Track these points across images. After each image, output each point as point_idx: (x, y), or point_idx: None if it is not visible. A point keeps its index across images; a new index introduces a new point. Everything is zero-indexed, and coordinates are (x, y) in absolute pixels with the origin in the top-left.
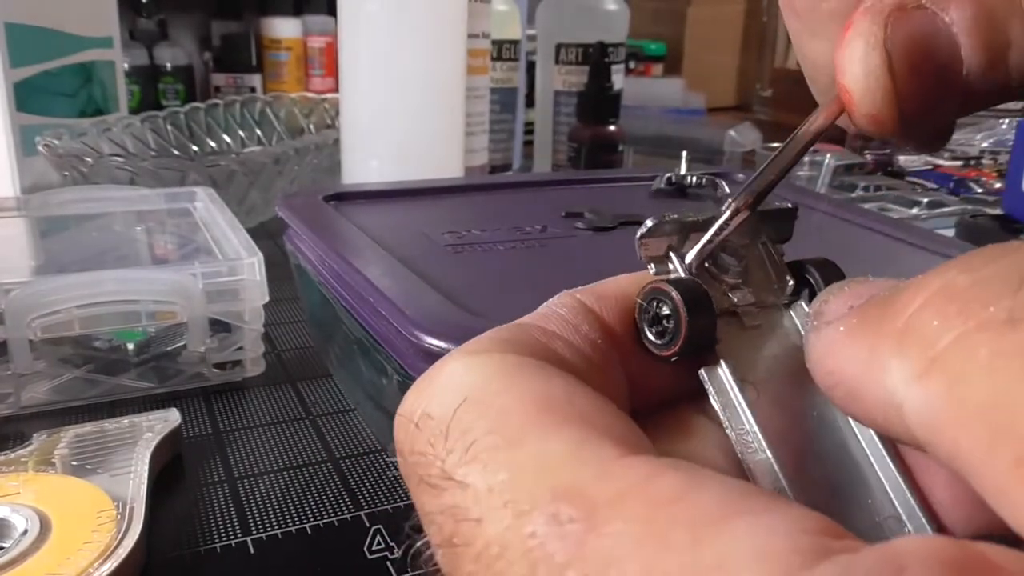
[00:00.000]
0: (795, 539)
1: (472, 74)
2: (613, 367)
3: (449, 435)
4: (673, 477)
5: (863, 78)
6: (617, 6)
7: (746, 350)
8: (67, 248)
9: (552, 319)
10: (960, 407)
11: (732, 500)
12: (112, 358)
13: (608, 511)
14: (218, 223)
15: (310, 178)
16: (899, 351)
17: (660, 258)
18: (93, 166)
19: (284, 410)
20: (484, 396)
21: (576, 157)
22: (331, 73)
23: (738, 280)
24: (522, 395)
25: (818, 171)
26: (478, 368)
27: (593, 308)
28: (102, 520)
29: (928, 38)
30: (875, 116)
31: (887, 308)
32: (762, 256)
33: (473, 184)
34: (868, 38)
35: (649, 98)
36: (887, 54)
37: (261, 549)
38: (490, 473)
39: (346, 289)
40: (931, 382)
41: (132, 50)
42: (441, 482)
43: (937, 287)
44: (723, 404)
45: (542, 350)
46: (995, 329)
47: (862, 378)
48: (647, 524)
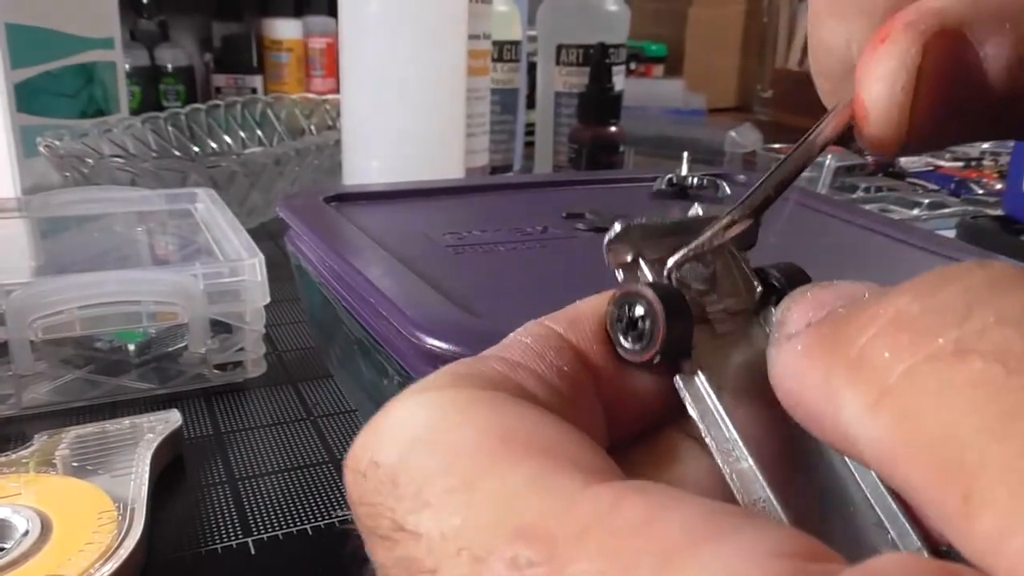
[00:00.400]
0: (769, 564)
1: (473, 75)
2: (585, 397)
3: (398, 482)
4: (638, 503)
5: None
6: (618, 7)
7: (720, 358)
8: (68, 249)
9: (515, 349)
10: (909, 442)
11: (700, 523)
12: (113, 359)
13: (570, 549)
14: (219, 224)
15: (311, 179)
16: (852, 381)
17: (629, 264)
18: (94, 167)
19: (285, 411)
20: (435, 435)
21: (577, 158)
22: (332, 74)
23: (706, 287)
24: (477, 429)
25: (819, 172)
26: (429, 406)
27: (563, 335)
28: (103, 521)
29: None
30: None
31: (842, 331)
32: (728, 263)
33: (474, 185)
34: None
35: (650, 99)
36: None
37: (262, 550)
38: (443, 518)
39: (347, 290)
40: (882, 415)
41: (133, 51)
42: (392, 533)
43: (891, 315)
44: (701, 412)
45: (503, 382)
46: (943, 360)
47: (819, 405)
48: (611, 559)
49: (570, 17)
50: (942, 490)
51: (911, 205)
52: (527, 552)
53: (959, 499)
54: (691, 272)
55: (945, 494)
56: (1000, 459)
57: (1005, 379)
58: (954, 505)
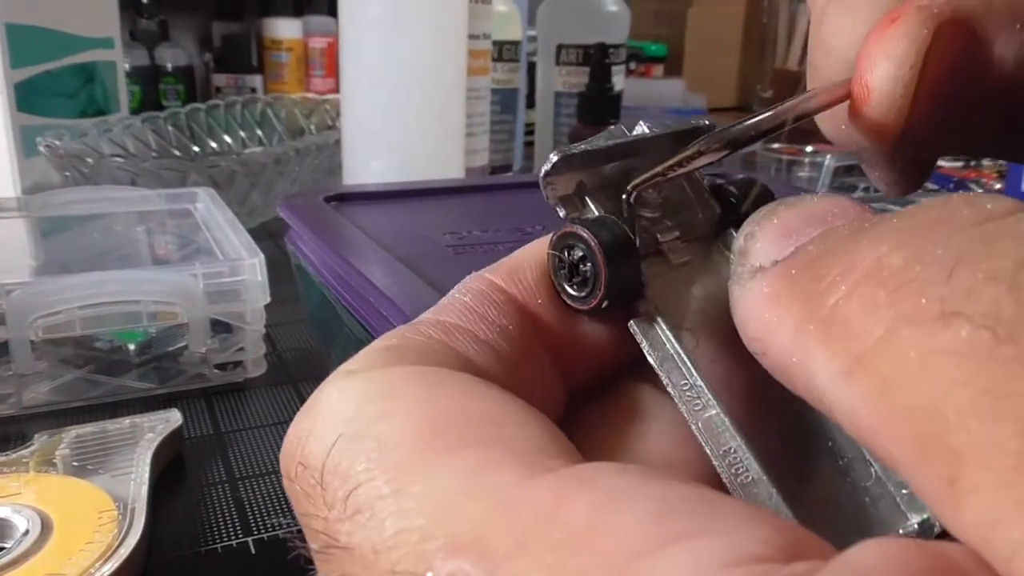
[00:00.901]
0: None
1: (473, 75)
2: (535, 354)
3: (326, 486)
4: (582, 502)
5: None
6: (618, 7)
7: (677, 292)
8: (68, 249)
9: (454, 310)
10: (889, 415)
11: (652, 524)
12: (113, 359)
13: (510, 564)
14: (219, 224)
15: (311, 179)
16: (825, 343)
17: (570, 197)
18: (94, 167)
19: (285, 411)
20: (360, 428)
21: None
22: (332, 74)
23: (657, 213)
24: (405, 419)
25: (818, 172)
26: (353, 392)
27: (505, 287)
28: (103, 520)
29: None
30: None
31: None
32: (681, 182)
33: (474, 185)
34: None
35: (650, 99)
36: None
37: (262, 549)
38: (374, 529)
39: (347, 290)
40: (858, 383)
41: (133, 51)
42: (325, 547)
43: (868, 267)
44: (660, 358)
45: (438, 351)
46: (926, 324)
47: (787, 358)
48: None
49: (570, 17)
50: (925, 470)
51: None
52: (467, 567)
53: (944, 482)
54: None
55: (929, 475)
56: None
57: (994, 348)
58: (939, 488)
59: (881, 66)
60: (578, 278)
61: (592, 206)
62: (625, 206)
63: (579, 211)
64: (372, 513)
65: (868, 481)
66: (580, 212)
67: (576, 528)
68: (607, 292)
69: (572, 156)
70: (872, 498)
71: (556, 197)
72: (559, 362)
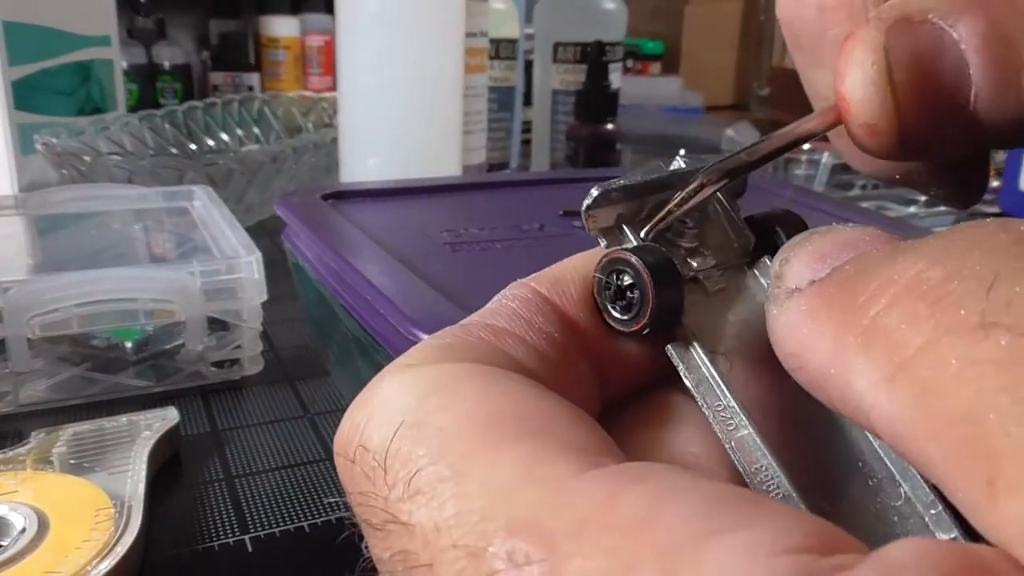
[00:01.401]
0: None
1: (470, 73)
2: (575, 361)
3: (388, 468)
4: (637, 494)
5: (861, 85)
6: (615, 5)
7: (713, 318)
8: (65, 246)
9: (501, 315)
10: (929, 420)
11: (703, 517)
12: (110, 356)
13: (567, 545)
14: (216, 221)
15: (308, 177)
16: (865, 351)
17: (611, 229)
18: (91, 164)
19: (282, 408)
20: (421, 418)
21: (574, 156)
22: (329, 72)
23: (695, 243)
24: (464, 412)
25: (815, 170)
26: (413, 384)
27: (549, 296)
28: (100, 518)
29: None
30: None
31: (852, 296)
32: (718, 214)
33: (471, 183)
34: (869, 43)
35: (647, 97)
36: (887, 63)
37: (259, 547)
38: (436, 508)
39: (344, 287)
40: (899, 390)
41: (130, 49)
42: (386, 524)
43: (907, 281)
44: (696, 381)
45: (488, 352)
46: (966, 334)
47: (826, 370)
48: (611, 557)
49: (567, 15)
50: (964, 472)
51: (907, 202)
52: (524, 547)
53: (983, 482)
54: (678, 228)
55: (967, 476)
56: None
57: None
58: (977, 488)
59: (849, 75)
60: (623, 302)
61: (631, 237)
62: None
63: (619, 242)
64: (434, 494)
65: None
66: (620, 243)
67: (631, 516)
68: (651, 320)
69: (611, 191)
70: (901, 517)
71: (597, 229)
72: (596, 371)
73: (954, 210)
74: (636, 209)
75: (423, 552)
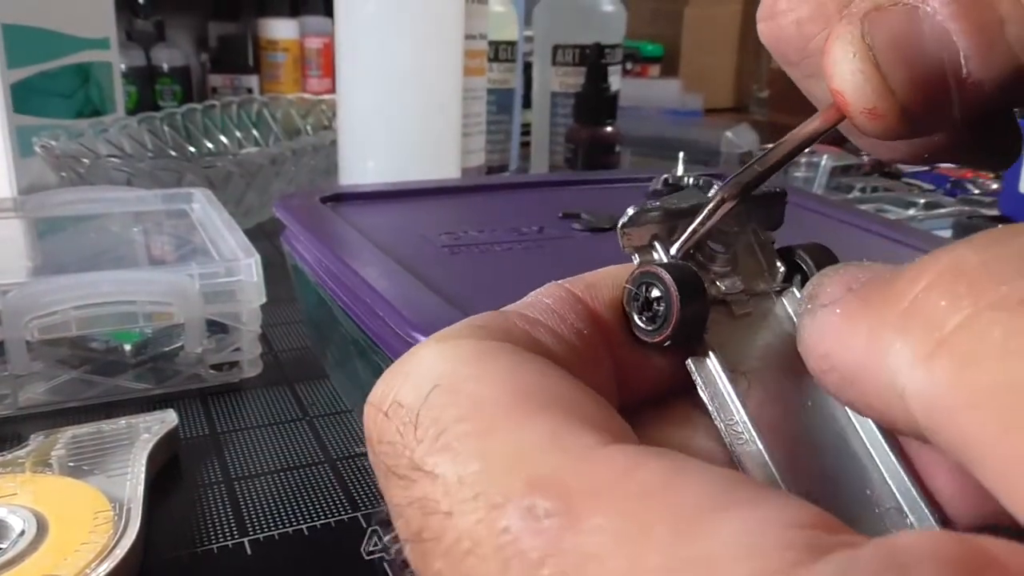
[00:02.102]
0: (787, 534)
1: (469, 75)
2: (600, 358)
3: (419, 424)
4: (655, 466)
5: (849, 76)
6: (614, 7)
7: (736, 339)
8: (64, 249)
9: (536, 307)
10: (969, 391)
11: (718, 491)
12: (109, 359)
13: (586, 504)
14: (215, 224)
15: (307, 179)
16: (903, 332)
17: (644, 248)
18: (90, 167)
19: (281, 411)
20: (455, 383)
21: (573, 158)
22: (328, 74)
23: (727, 268)
24: (496, 381)
25: (815, 172)
26: (450, 354)
27: (582, 297)
28: (99, 521)
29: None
30: (872, 111)
31: (889, 289)
32: (751, 243)
33: (470, 185)
34: (846, 36)
35: (646, 99)
36: (868, 49)
37: (258, 550)
38: (461, 463)
39: (343, 290)
40: (938, 365)
41: (129, 51)
42: (410, 472)
43: (944, 265)
44: (711, 394)
45: (522, 337)
46: (1009, 309)
47: (860, 361)
48: (627, 518)
49: (566, 17)
50: (1002, 442)
51: (907, 205)
52: (544, 503)
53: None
54: (711, 253)
55: (1005, 446)
56: None
57: None
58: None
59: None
60: (649, 313)
61: (662, 254)
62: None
63: (651, 259)
64: (460, 450)
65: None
66: (651, 260)
67: (649, 485)
68: (674, 332)
69: (647, 211)
70: None
71: (631, 246)
72: (618, 375)
73: (951, 213)
74: (669, 230)
75: (444, 500)
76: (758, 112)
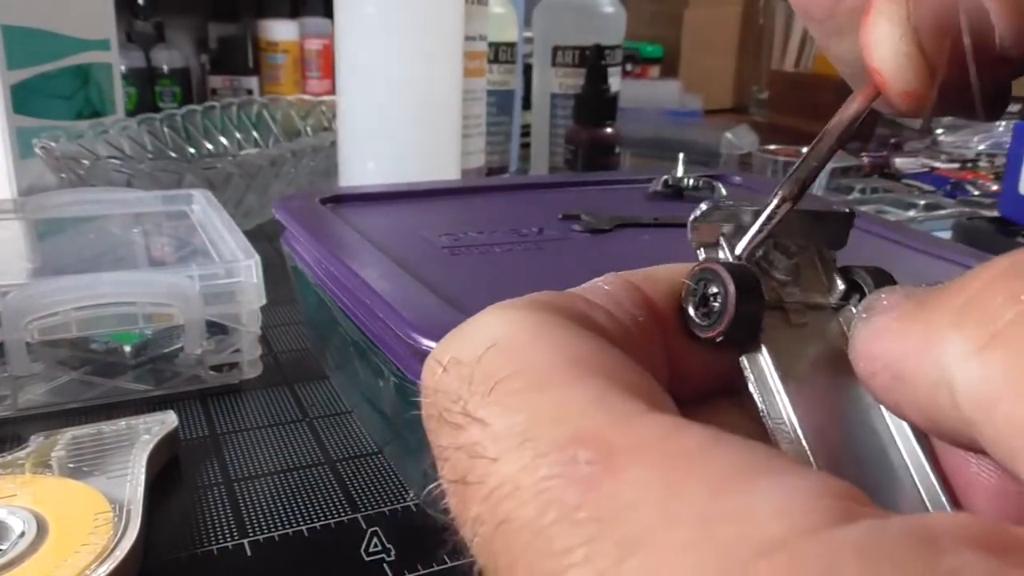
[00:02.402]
0: (820, 499)
1: (469, 76)
2: (653, 345)
3: (474, 378)
4: (696, 432)
5: (892, 57)
6: (614, 8)
7: (789, 346)
8: (64, 250)
9: (595, 291)
10: (1020, 380)
11: (756, 460)
12: (109, 360)
13: (627, 458)
14: (215, 225)
15: (307, 180)
16: (957, 326)
17: (711, 244)
18: (90, 168)
19: (281, 412)
20: (512, 344)
21: (573, 159)
22: (328, 75)
23: (788, 277)
24: (549, 347)
25: None
26: (510, 320)
27: (640, 286)
28: (99, 522)
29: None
30: (911, 93)
31: (945, 291)
32: (814, 258)
33: (470, 186)
34: (891, 16)
35: (646, 100)
36: (913, 30)
37: (258, 551)
38: (510, 414)
39: (343, 291)
40: (990, 356)
41: (129, 52)
42: (461, 420)
43: (1002, 268)
44: (761, 392)
45: (579, 315)
46: None
47: (912, 357)
48: (665, 473)
49: (566, 18)
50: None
51: (907, 206)
52: (586, 453)
53: None
54: (775, 261)
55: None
56: None
57: None
58: None
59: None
60: (705, 309)
61: (727, 253)
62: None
63: (715, 256)
64: (511, 402)
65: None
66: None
67: (688, 447)
68: (728, 326)
69: (718, 209)
70: None
71: (698, 241)
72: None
73: (951, 214)
74: (737, 230)
75: (491, 446)
76: (758, 113)
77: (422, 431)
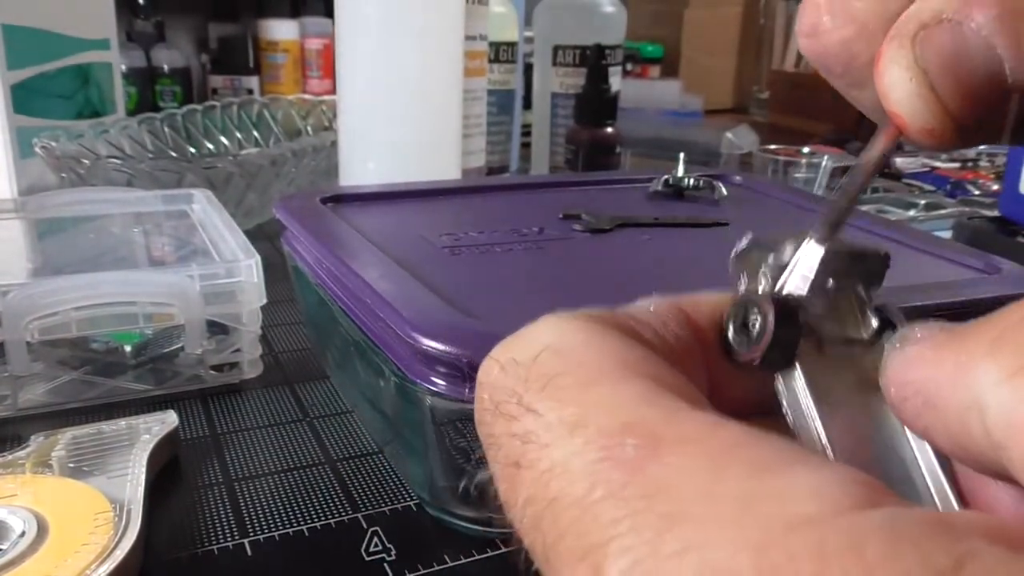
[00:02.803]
0: (850, 486)
1: (469, 76)
2: (696, 364)
3: (529, 377)
4: (736, 428)
5: (907, 99)
6: (614, 8)
7: (823, 373)
8: (64, 250)
9: (639, 311)
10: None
11: (793, 451)
12: (109, 360)
13: (671, 447)
14: (215, 225)
15: (307, 180)
16: (991, 354)
17: (753, 276)
18: (90, 168)
19: (281, 412)
20: (564, 347)
21: (573, 159)
22: (328, 75)
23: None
24: (600, 350)
25: (815, 173)
26: (563, 327)
27: (684, 308)
28: (99, 522)
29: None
30: (931, 130)
31: (981, 324)
32: (851, 295)
33: (470, 186)
34: (899, 61)
35: (646, 100)
36: (924, 73)
37: (258, 551)
38: (563, 406)
39: (343, 291)
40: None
41: (129, 52)
42: (516, 411)
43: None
44: (795, 414)
45: (627, 328)
46: None
47: (944, 383)
48: (708, 460)
49: (567, 18)
50: None
51: (907, 206)
52: (633, 440)
53: None
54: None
55: None
56: None
57: None
58: None
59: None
60: (744, 333)
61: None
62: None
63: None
64: (562, 396)
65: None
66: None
67: (729, 440)
68: (765, 351)
69: (761, 243)
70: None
71: (740, 272)
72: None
73: (952, 214)
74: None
75: (544, 434)
76: (758, 113)
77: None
